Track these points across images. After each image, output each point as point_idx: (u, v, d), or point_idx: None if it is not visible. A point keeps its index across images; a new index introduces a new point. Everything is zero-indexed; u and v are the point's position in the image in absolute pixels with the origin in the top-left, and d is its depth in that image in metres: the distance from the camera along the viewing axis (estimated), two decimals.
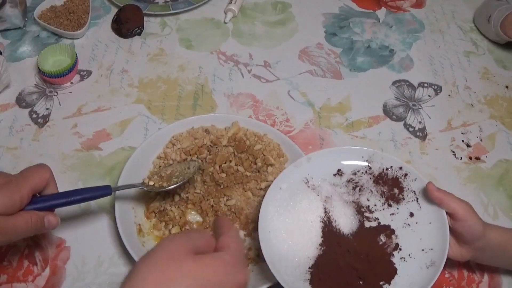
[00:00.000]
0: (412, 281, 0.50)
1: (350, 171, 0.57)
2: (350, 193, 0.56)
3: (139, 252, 0.53)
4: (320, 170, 0.56)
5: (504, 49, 0.85)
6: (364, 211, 0.55)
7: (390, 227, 0.54)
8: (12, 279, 0.55)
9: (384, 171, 0.56)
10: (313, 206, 0.55)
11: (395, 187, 0.55)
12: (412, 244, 0.53)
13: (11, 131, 0.68)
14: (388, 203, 0.55)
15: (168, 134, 0.64)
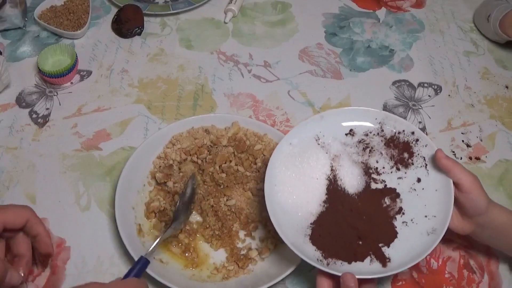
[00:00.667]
0: (412, 246, 0.50)
1: (362, 132, 0.57)
2: (359, 154, 0.56)
3: (139, 252, 0.53)
4: (332, 129, 0.57)
5: (504, 49, 0.85)
6: (371, 172, 0.55)
7: (396, 191, 0.54)
8: None
9: (396, 134, 0.56)
10: (320, 163, 0.56)
11: (405, 151, 0.55)
12: (416, 210, 0.52)
13: (11, 131, 0.68)
14: (396, 167, 0.55)
15: (168, 134, 0.64)
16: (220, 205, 0.59)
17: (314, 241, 0.51)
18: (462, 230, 0.52)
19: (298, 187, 0.54)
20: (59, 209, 0.61)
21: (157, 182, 0.61)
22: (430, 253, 0.48)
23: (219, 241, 0.57)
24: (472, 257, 0.60)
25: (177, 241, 0.57)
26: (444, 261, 0.59)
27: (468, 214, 0.51)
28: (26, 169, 0.64)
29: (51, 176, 0.64)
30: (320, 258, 0.50)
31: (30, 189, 0.62)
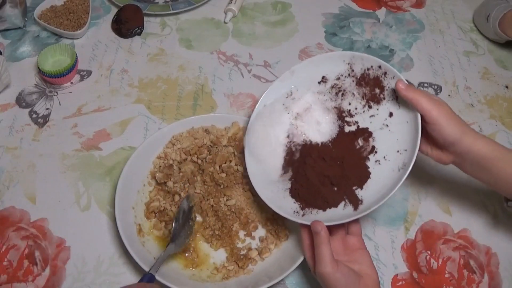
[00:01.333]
0: (384, 183, 0.50)
1: (334, 77, 0.57)
2: (332, 99, 0.57)
3: (139, 252, 0.53)
4: (305, 81, 0.58)
5: (504, 49, 0.85)
6: (345, 116, 0.56)
7: (368, 130, 0.54)
8: (12, 279, 0.55)
9: (365, 71, 0.55)
10: (281, 124, 0.59)
11: (376, 87, 0.55)
12: (388, 146, 0.53)
13: (11, 131, 0.68)
14: (368, 105, 0.55)
15: (168, 134, 0.64)
16: (220, 205, 0.59)
17: (292, 195, 0.54)
18: (441, 160, 0.52)
19: (267, 147, 0.57)
20: (59, 209, 0.61)
21: (157, 182, 0.61)
22: (430, 253, 0.48)
23: (219, 241, 0.57)
24: (472, 257, 0.60)
25: None
26: (444, 261, 0.59)
27: (439, 144, 0.50)
28: (26, 169, 0.64)
29: (51, 176, 0.64)
30: (297, 210, 0.52)
31: (30, 189, 0.63)
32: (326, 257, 0.46)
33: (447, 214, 0.64)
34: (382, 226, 0.62)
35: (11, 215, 0.60)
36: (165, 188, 0.60)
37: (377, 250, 0.60)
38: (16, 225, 0.59)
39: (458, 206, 0.64)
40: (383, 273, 0.58)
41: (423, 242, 0.61)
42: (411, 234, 0.62)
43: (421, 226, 0.62)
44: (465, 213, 0.64)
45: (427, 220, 0.63)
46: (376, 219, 0.62)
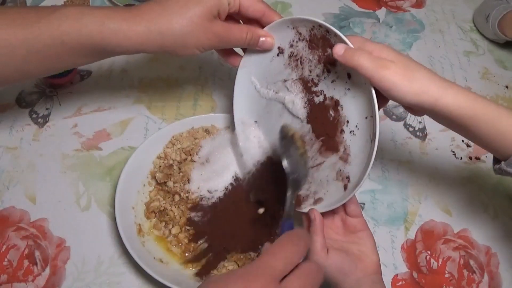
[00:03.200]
0: (363, 156, 0.48)
1: (287, 45, 0.54)
2: (294, 70, 0.55)
3: (139, 252, 0.53)
4: (261, 65, 0.57)
5: (504, 49, 0.85)
6: (310, 86, 0.53)
7: (334, 98, 0.50)
8: (12, 279, 0.55)
9: (311, 32, 0.51)
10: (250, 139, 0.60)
11: (327, 47, 0.50)
12: (356, 113, 0.48)
13: (11, 131, 0.68)
14: (327, 69, 0.51)
15: (168, 134, 0.64)
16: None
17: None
18: (414, 114, 0.49)
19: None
20: (59, 209, 0.61)
21: (157, 182, 0.61)
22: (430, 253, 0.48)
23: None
24: (472, 257, 0.60)
25: (177, 241, 0.57)
26: (444, 261, 0.59)
27: (398, 102, 0.45)
28: (26, 169, 0.64)
29: (51, 176, 0.64)
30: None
31: (30, 189, 0.63)
32: (316, 247, 0.46)
33: (447, 214, 0.64)
34: (382, 226, 0.62)
35: (11, 215, 0.60)
36: (165, 188, 0.60)
37: (377, 250, 0.60)
38: (16, 225, 0.59)
39: (458, 206, 0.65)
40: (383, 273, 0.58)
41: (423, 242, 0.61)
42: (411, 234, 0.62)
43: (421, 226, 0.62)
44: (465, 213, 0.64)
45: (427, 220, 0.63)
46: (376, 219, 0.62)
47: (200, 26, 0.48)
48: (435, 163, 0.69)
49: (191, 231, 0.58)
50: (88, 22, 0.47)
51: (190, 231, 0.58)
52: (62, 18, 0.47)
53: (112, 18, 0.47)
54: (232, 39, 0.51)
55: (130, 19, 0.48)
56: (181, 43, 0.49)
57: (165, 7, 0.48)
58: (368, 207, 0.63)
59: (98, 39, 0.47)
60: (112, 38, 0.47)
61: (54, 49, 0.47)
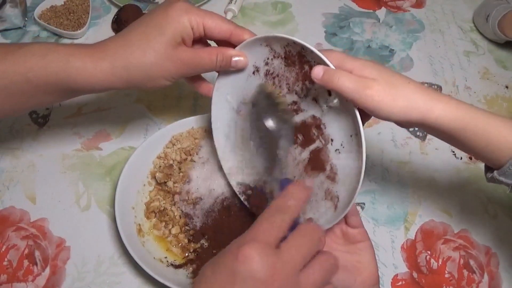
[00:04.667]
0: (350, 174, 0.46)
1: (262, 63, 0.51)
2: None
3: (139, 252, 0.53)
4: (237, 84, 0.54)
5: (504, 49, 0.85)
6: (289, 104, 0.51)
7: (316, 116, 0.48)
8: (12, 279, 0.55)
9: (286, 49, 0.48)
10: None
11: (304, 63, 0.47)
12: (340, 131, 0.47)
13: (11, 131, 0.68)
14: (305, 86, 0.48)
15: (168, 134, 0.64)
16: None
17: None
18: (403, 127, 0.47)
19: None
20: (59, 209, 0.61)
21: (157, 182, 0.61)
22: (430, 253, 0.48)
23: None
24: (472, 257, 0.60)
25: (177, 241, 0.57)
26: (444, 261, 0.59)
27: (385, 120, 0.43)
28: (26, 169, 0.64)
29: (51, 176, 0.64)
30: None
31: (30, 189, 0.63)
32: None
33: (447, 214, 0.64)
34: (382, 226, 0.62)
35: (11, 215, 0.60)
36: (165, 188, 0.60)
37: (377, 250, 0.60)
38: (16, 225, 0.59)
39: (458, 206, 0.65)
40: (383, 273, 0.58)
41: (423, 242, 0.61)
42: (411, 234, 0.62)
43: (421, 226, 0.62)
44: (465, 213, 0.64)
45: (427, 220, 0.63)
46: (376, 219, 0.62)
47: (164, 56, 0.47)
48: (435, 163, 0.69)
49: (191, 231, 0.58)
50: (53, 59, 0.46)
51: (190, 231, 0.58)
52: (28, 55, 0.46)
53: (76, 55, 0.46)
54: (201, 64, 0.49)
55: (94, 55, 0.47)
56: (148, 75, 0.48)
57: (127, 40, 0.47)
58: (368, 207, 0.63)
59: (63, 77, 0.46)
60: (77, 77, 0.46)
61: (20, 86, 0.46)
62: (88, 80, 0.47)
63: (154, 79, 0.48)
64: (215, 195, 0.60)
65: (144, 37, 0.47)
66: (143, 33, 0.47)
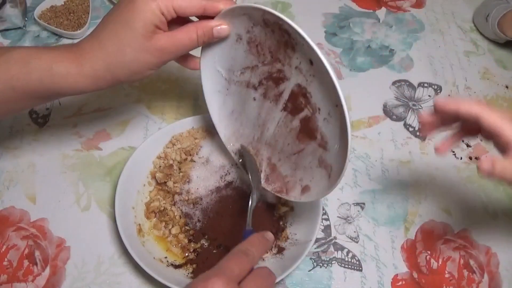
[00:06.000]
0: (341, 144, 0.46)
1: (243, 31, 0.50)
2: (256, 57, 0.51)
3: (139, 252, 0.53)
4: (223, 51, 0.53)
5: (504, 49, 0.85)
6: (272, 72, 0.51)
7: (301, 85, 0.48)
8: (12, 279, 0.55)
9: (264, 17, 0.48)
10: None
11: (282, 32, 0.47)
12: (325, 100, 0.46)
13: (11, 131, 0.68)
14: (287, 54, 0.48)
15: (168, 134, 0.64)
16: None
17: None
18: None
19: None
20: (59, 209, 0.61)
21: (157, 182, 0.61)
22: (430, 253, 0.48)
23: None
24: (472, 257, 0.60)
25: (177, 241, 0.57)
26: (444, 261, 0.59)
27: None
28: (26, 169, 0.64)
29: (51, 176, 0.64)
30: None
31: (30, 189, 0.63)
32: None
33: (447, 214, 0.64)
34: (382, 226, 0.62)
35: (11, 215, 0.60)
36: (165, 188, 0.60)
37: (377, 250, 0.60)
38: (16, 225, 0.59)
39: (458, 206, 0.65)
40: (383, 273, 0.58)
41: (423, 242, 0.61)
42: (411, 234, 0.62)
43: (421, 226, 0.62)
44: (465, 213, 0.64)
45: (427, 220, 0.63)
46: (376, 219, 0.62)
47: (141, 49, 0.46)
48: (435, 163, 0.69)
49: (191, 231, 0.58)
50: (36, 67, 0.45)
51: (190, 231, 0.58)
52: (11, 62, 0.45)
53: (59, 62, 0.46)
54: (182, 45, 0.47)
55: (75, 61, 0.46)
56: (130, 71, 0.47)
57: (100, 41, 0.46)
58: (368, 207, 0.63)
59: (48, 83, 0.46)
60: (62, 83, 0.46)
61: (6, 94, 0.46)
62: (73, 85, 0.47)
63: (138, 73, 0.48)
64: (215, 195, 0.60)
65: (115, 36, 0.46)
66: (113, 31, 0.46)
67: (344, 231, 0.61)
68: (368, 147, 0.69)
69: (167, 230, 0.58)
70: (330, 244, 0.60)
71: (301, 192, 0.52)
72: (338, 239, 0.61)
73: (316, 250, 0.59)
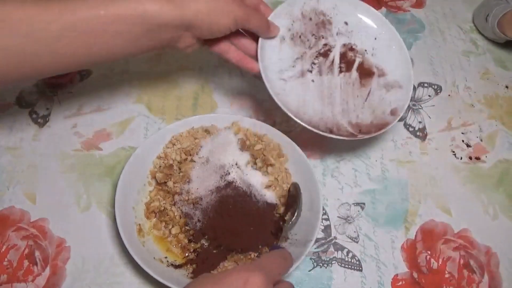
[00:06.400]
0: (396, 61, 0.66)
1: (285, 30, 0.63)
2: (301, 46, 0.64)
3: (139, 252, 0.53)
4: (270, 61, 0.61)
5: (504, 49, 0.85)
6: (320, 48, 0.64)
7: (346, 43, 0.65)
8: (12, 279, 0.55)
9: (302, 9, 0.64)
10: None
11: (319, 15, 0.65)
12: (367, 41, 0.66)
13: (11, 131, 0.68)
14: (326, 28, 0.65)
15: (168, 134, 0.64)
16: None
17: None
18: None
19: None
20: (59, 209, 0.61)
21: (157, 182, 0.61)
22: (430, 252, 0.48)
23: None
24: (472, 257, 0.60)
25: (177, 241, 0.57)
26: (444, 261, 0.59)
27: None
28: (26, 169, 0.64)
29: (51, 176, 0.64)
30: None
31: (30, 189, 0.63)
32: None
33: (447, 214, 0.64)
34: (382, 226, 0.62)
35: (11, 215, 0.60)
36: (165, 188, 0.60)
37: (377, 250, 0.60)
38: (16, 225, 0.59)
39: (458, 206, 0.65)
40: (383, 273, 0.58)
41: (423, 242, 0.61)
42: (411, 234, 0.62)
43: (421, 226, 0.62)
44: (465, 213, 0.64)
45: (427, 220, 0.63)
46: (376, 219, 0.62)
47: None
48: (435, 163, 0.69)
49: (191, 231, 0.58)
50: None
51: (190, 231, 0.58)
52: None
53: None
54: (256, 17, 0.55)
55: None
56: (215, 10, 0.50)
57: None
58: (368, 207, 0.63)
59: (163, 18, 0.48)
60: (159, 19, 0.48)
61: (134, 28, 0.47)
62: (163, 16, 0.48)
63: (220, 17, 0.51)
64: (215, 195, 0.60)
65: None
66: None
67: (344, 231, 0.61)
68: (368, 147, 0.69)
69: (167, 230, 0.58)
70: (330, 244, 0.60)
71: (389, 114, 0.62)
72: (338, 239, 0.61)
73: (316, 250, 0.59)
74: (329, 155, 0.68)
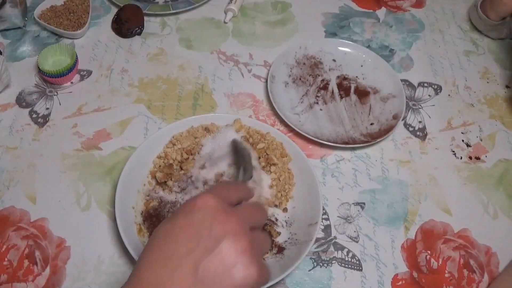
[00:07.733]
0: (383, 76, 0.77)
1: (286, 77, 0.76)
2: (304, 86, 0.76)
3: (139, 252, 0.53)
4: (283, 102, 0.73)
5: (504, 49, 0.85)
6: (319, 84, 0.76)
7: (339, 75, 0.78)
8: (12, 279, 0.55)
9: (295, 57, 0.78)
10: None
11: (310, 59, 0.79)
12: (353, 67, 0.79)
13: (11, 131, 0.68)
14: (319, 68, 0.78)
15: (168, 134, 0.64)
16: None
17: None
18: None
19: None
20: (59, 209, 0.61)
21: (157, 182, 0.61)
22: (430, 252, 0.48)
23: None
24: (472, 257, 0.60)
25: None
26: (444, 261, 0.59)
27: None
28: (26, 169, 0.64)
29: (51, 176, 0.64)
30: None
31: (30, 189, 0.63)
32: None
33: (447, 214, 0.64)
34: (382, 226, 0.62)
35: (11, 215, 0.60)
36: (165, 188, 0.60)
37: (377, 250, 0.60)
38: (16, 225, 0.59)
39: (458, 206, 0.65)
40: (383, 273, 0.58)
41: (423, 242, 0.61)
42: (411, 234, 0.62)
43: (421, 226, 0.62)
44: (465, 213, 0.64)
45: (427, 219, 0.63)
46: (376, 219, 0.62)
47: None
48: (435, 163, 0.69)
49: None
50: None
51: None
52: None
53: None
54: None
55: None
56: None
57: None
58: (368, 207, 0.63)
59: None
60: None
61: None
62: None
63: None
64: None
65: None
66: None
67: (344, 230, 0.61)
68: (368, 147, 0.69)
69: None
70: (330, 244, 0.60)
71: (392, 119, 0.71)
72: (338, 238, 0.61)
73: (316, 250, 0.59)
74: (329, 155, 0.68)
